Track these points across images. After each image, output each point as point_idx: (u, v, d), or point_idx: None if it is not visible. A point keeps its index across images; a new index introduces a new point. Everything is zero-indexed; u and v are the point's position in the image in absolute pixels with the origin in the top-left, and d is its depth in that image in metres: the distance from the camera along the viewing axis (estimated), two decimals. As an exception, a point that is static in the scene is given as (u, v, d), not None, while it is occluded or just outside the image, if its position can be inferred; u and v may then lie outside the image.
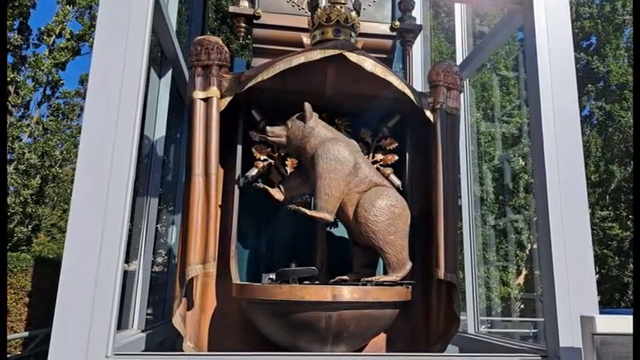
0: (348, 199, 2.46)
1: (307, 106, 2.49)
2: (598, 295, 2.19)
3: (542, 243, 2.15)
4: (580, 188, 2.16)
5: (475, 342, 2.99)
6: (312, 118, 2.51)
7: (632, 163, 16.06)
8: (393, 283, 2.41)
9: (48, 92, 12.53)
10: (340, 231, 2.74)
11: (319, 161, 2.41)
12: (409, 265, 2.47)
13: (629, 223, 15.79)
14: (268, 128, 2.54)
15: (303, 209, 2.43)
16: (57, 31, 12.02)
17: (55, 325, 1.75)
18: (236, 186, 2.66)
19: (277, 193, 2.57)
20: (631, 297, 15.12)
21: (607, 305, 15.09)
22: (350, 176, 2.44)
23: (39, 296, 7.21)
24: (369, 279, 2.40)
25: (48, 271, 7.30)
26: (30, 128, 11.86)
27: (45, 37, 11.98)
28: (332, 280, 2.46)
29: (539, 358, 2.04)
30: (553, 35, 2.30)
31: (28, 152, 11.05)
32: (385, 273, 2.47)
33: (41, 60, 11.61)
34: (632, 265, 15.47)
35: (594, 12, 17.26)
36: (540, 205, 2.17)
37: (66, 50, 11.92)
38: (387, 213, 2.42)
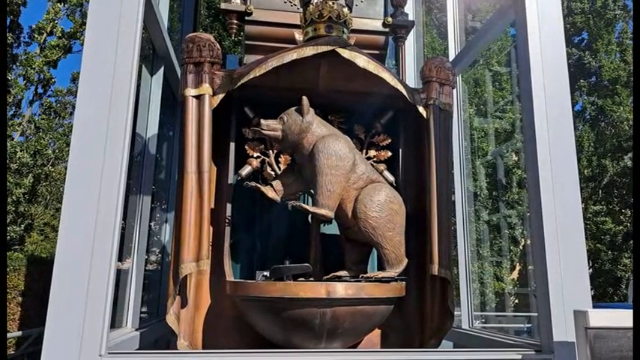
0: (346, 195, 2.44)
1: (305, 99, 2.44)
2: (591, 289, 2.21)
3: (535, 238, 2.16)
4: (572, 183, 2.17)
5: (469, 337, 3.00)
6: (309, 112, 2.47)
7: (624, 157, 16.17)
8: (391, 279, 2.41)
9: (39, 90, 12.46)
10: (333, 228, 2.73)
11: (320, 157, 2.36)
12: (405, 261, 2.47)
13: (621, 217, 15.90)
14: (262, 121, 2.48)
15: (305, 205, 2.39)
16: (48, 29, 11.95)
17: (48, 324, 1.74)
18: (229, 183, 2.65)
19: (270, 192, 2.52)
20: (624, 291, 15.25)
21: (601, 299, 15.21)
22: (350, 172, 2.43)
23: (32, 296, 7.18)
24: (368, 275, 2.40)
25: (41, 271, 7.26)
26: (22, 127, 11.79)
27: (36, 35, 11.91)
28: (326, 277, 2.45)
29: (533, 352, 2.05)
30: (545, 31, 2.30)
31: (20, 151, 10.99)
32: (382, 269, 2.47)
33: (32, 58, 11.54)
34: (625, 260, 15.59)
35: (586, 7, 17.32)
36: (533, 200, 2.18)
37: (57, 48, 11.86)
38: (387, 209, 2.41)
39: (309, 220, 2.79)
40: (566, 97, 2.26)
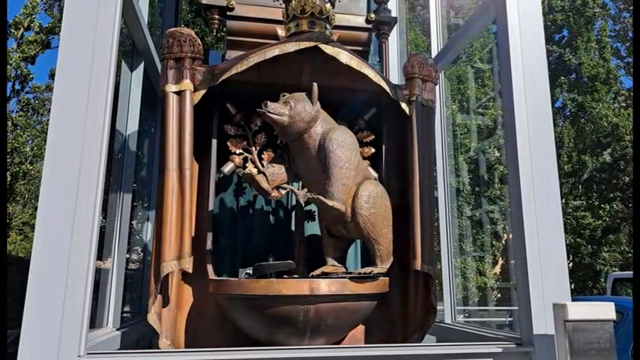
0: None
1: (315, 87, 2.37)
2: (571, 283, 2.24)
3: (515, 233, 2.18)
4: (552, 178, 2.19)
5: (452, 331, 3.02)
6: (317, 101, 2.40)
7: (603, 153, 16.47)
8: (382, 275, 2.41)
9: (17, 87, 12.20)
10: (315, 225, 2.72)
11: (334, 148, 2.30)
12: (392, 257, 2.48)
13: (601, 212, 16.19)
14: (269, 103, 2.33)
15: (322, 198, 2.30)
16: (25, 24, 11.70)
17: (25, 325, 1.71)
18: (211, 180, 2.63)
19: (264, 182, 2.42)
20: (603, 284, 15.53)
21: (580, 293, 15.49)
22: (357, 167, 2.41)
23: (9, 296, 7.04)
24: (364, 271, 2.38)
25: (19, 271, 7.13)
26: (-1, 124, 11.53)
27: (12, 30, 11.65)
28: (315, 273, 2.40)
29: (514, 345, 2.07)
30: (525, 28, 2.32)
31: (-3, 149, 10.75)
32: (369, 264, 2.46)
33: (9, 54, 11.28)
34: (604, 254, 15.90)
35: (566, 5, 17.57)
36: (514, 196, 2.20)
37: (35, 43, 11.62)
38: (383, 206, 2.42)
39: (294, 216, 2.78)
40: (546, 93, 2.29)
